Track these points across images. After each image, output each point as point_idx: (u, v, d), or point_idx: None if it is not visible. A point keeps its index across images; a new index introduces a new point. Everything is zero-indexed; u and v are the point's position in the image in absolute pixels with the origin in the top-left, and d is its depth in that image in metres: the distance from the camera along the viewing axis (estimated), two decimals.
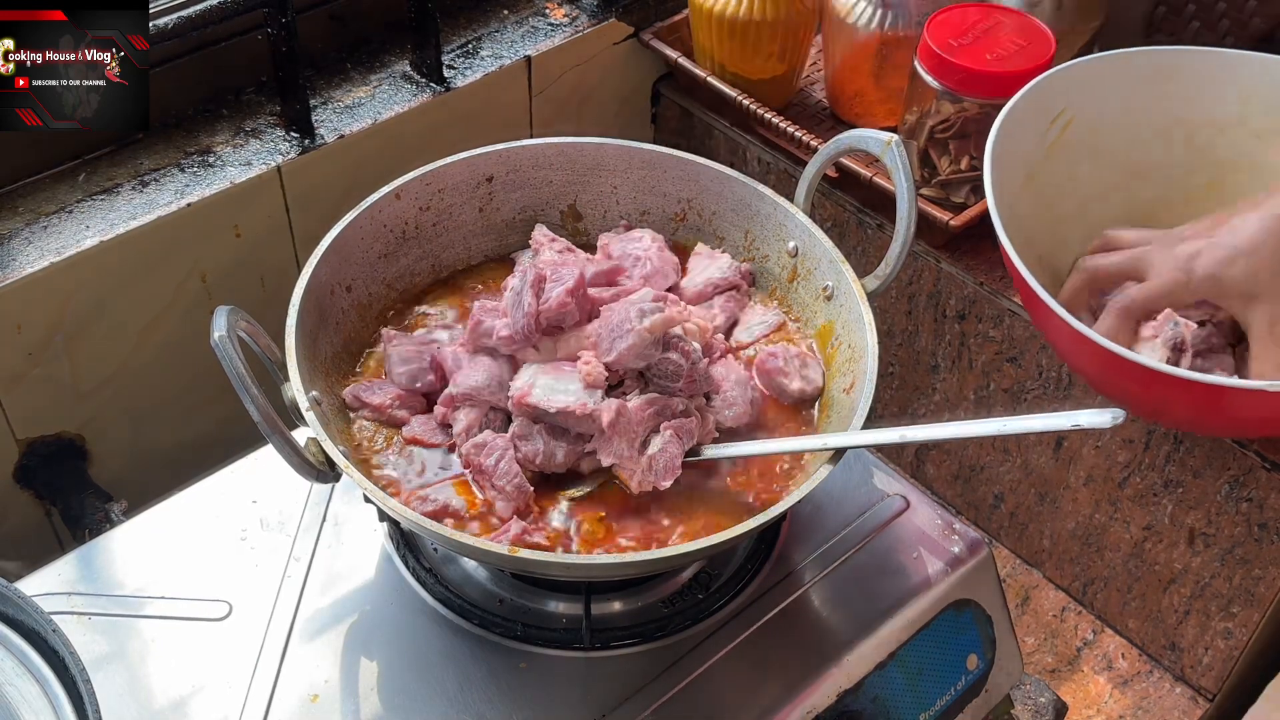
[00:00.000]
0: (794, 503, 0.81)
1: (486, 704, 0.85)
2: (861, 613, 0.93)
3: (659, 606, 0.92)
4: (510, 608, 0.91)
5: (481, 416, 0.89)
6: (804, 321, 1.00)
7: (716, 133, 1.45)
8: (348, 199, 0.98)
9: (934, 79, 1.20)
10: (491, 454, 0.86)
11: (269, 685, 0.85)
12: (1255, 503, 1.13)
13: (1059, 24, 1.27)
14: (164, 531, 0.95)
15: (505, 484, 0.85)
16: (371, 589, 0.92)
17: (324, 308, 0.93)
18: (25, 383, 1.10)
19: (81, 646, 0.77)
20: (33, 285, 1.06)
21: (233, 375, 0.76)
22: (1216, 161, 1.20)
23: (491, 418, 0.90)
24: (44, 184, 1.15)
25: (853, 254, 1.34)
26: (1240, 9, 1.39)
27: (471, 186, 1.02)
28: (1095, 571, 1.31)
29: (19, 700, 0.70)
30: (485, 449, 0.86)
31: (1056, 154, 1.18)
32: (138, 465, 1.21)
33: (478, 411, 0.89)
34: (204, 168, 1.17)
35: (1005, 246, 1.01)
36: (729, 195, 1.03)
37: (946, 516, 1.00)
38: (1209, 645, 1.23)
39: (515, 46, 1.35)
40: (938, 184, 1.26)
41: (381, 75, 1.30)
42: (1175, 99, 1.19)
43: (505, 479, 0.85)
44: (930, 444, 1.04)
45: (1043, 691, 1.10)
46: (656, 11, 1.45)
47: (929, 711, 0.95)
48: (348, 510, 0.97)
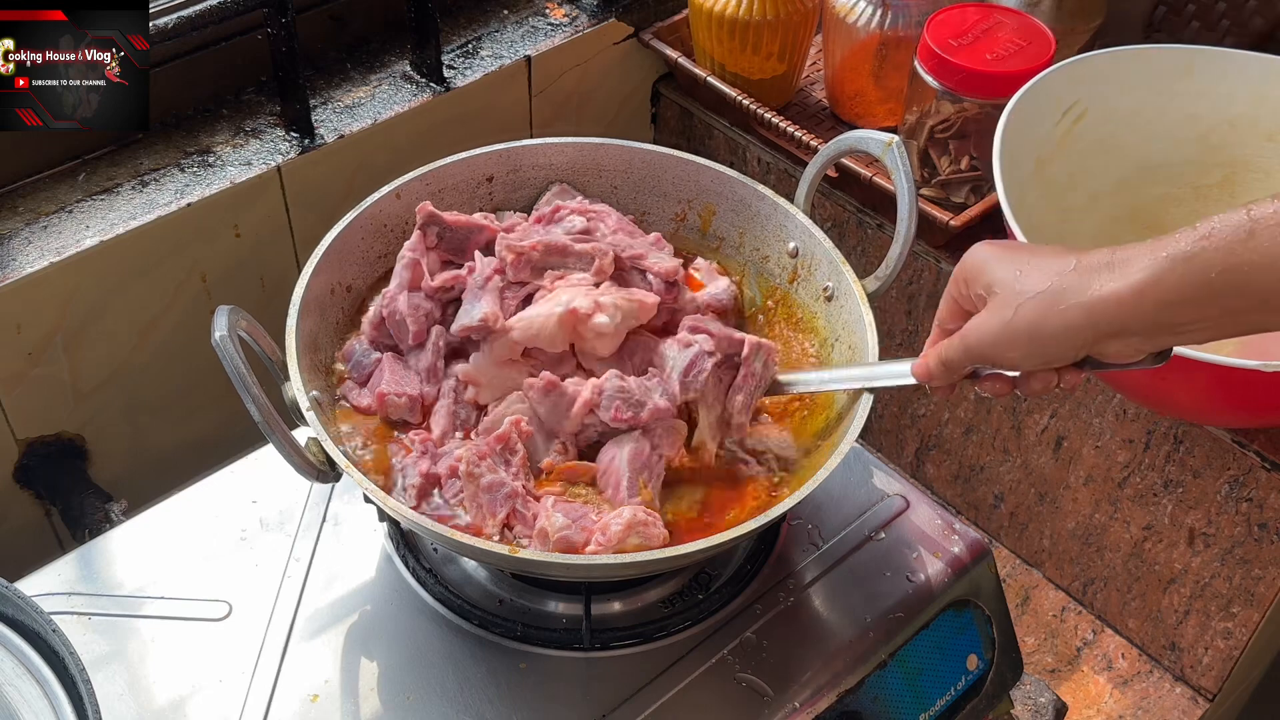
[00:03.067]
0: (794, 503, 0.81)
1: (486, 704, 0.85)
2: (861, 613, 0.93)
3: (659, 606, 0.92)
4: (510, 608, 0.91)
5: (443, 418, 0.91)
6: (803, 321, 1.00)
7: (716, 133, 1.45)
8: (348, 199, 0.98)
9: (934, 79, 1.20)
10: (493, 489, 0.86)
11: (269, 685, 0.85)
12: (1255, 503, 1.13)
13: (1059, 24, 1.27)
14: (164, 531, 0.95)
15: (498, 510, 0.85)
16: (371, 589, 0.92)
17: (324, 308, 0.93)
18: (25, 383, 1.10)
19: (81, 646, 0.77)
20: (33, 285, 1.06)
21: (233, 375, 0.76)
22: (1229, 160, 1.21)
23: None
24: (44, 184, 1.15)
25: (853, 254, 1.34)
26: (1240, 9, 1.39)
27: (471, 186, 1.02)
28: (1095, 571, 1.31)
29: (19, 700, 0.70)
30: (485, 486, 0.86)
31: (1067, 145, 1.18)
32: (138, 465, 1.21)
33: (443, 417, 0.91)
34: (204, 168, 1.17)
35: (1012, 227, 1.01)
36: (729, 195, 1.03)
37: (946, 516, 1.00)
38: (1209, 645, 1.23)
39: (515, 46, 1.35)
40: (938, 184, 1.26)
41: (381, 75, 1.30)
42: (1188, 96, 1.19)
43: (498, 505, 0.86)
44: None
45: (1043, 691, 1.10)
46: (656, 11, 1.45)
47: (929, 711, 0.95)
48: (348, 510, 0.97)
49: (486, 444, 0.86)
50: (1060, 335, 0.72)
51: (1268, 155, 1.20)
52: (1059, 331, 0.72)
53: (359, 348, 0.93)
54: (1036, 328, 0.72)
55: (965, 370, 0.80)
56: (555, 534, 0.82)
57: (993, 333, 0.75)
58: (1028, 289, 0.73)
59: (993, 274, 0.75)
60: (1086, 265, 0.71)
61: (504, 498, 0.84)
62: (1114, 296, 0.69)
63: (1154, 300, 0.69)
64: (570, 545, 0.81)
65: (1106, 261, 0.71)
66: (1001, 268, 0.75)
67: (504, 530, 0.84)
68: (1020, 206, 1.05)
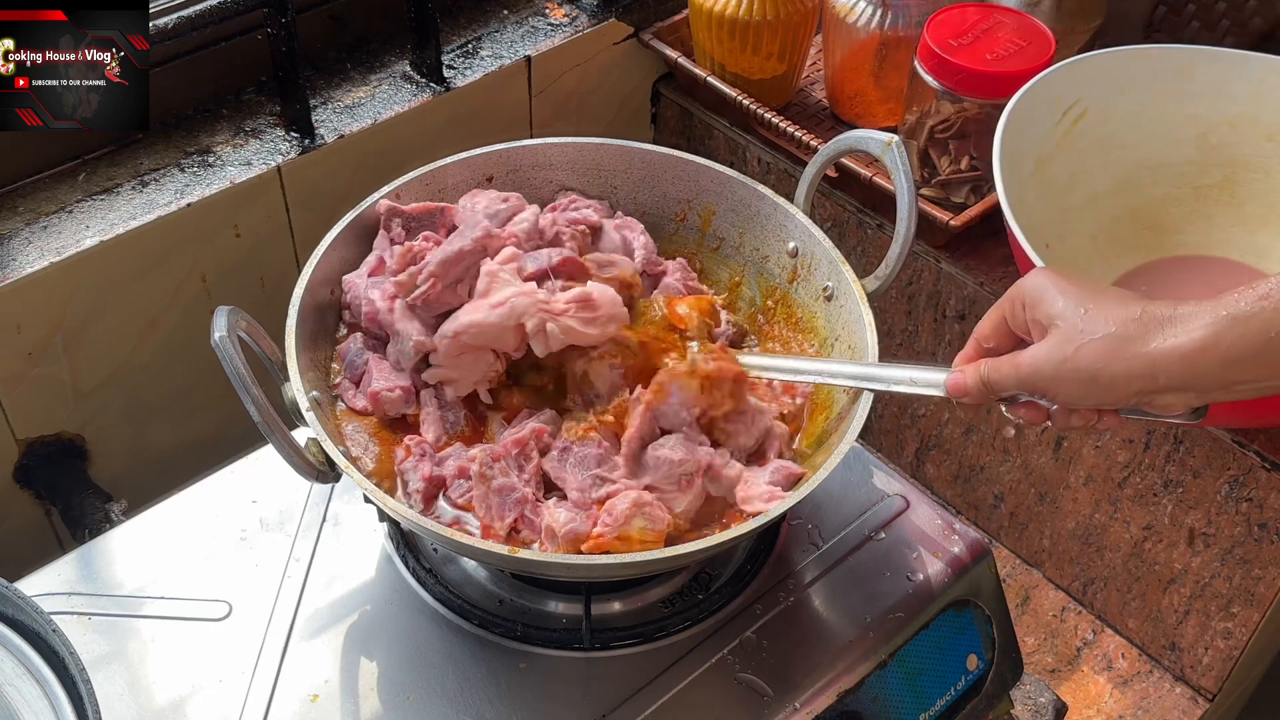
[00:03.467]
0: (794, 503, 0.81)
1: (486, 704, 0.85)
2: (861, 613, 0.93)
3: (659, 606, 0.92)
4: (510, 608, 0.91)
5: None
6: (802, 321, 1.00)
7: (716, 133, 1.45)
8: (348, 199, 0.98)
9: (934, 79, 1.20)
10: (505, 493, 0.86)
11: (269, 685, 0.85)
12: (1255, 503, 1.13)
13: (1059, 24, 1.27)
14: (164, 531, 0.95)
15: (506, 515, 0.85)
16: (371, 589, 0.92)
17: (324, 308, 0.93)
18: (25, 383, 1.10)
19: (81, 646, 0.77)
20: (33, 285, 1.06)
21: (233, 375, 0.76)
22: (1229, 160, 1.21)
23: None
24: (44, 184, 1.15)
25: (853, 254, 1.34)
26: (1240, 9, 1.39)
27: (471, 187, 1.02)
28: (1095, 571, 1.31)
29: (19, 700, 0.70)
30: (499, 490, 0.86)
31: (1067, 145, 1.18)
32: (138, 465, 1.21)
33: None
34: (204, 168, 1.17)
35: (1011, 226, 1.01)
36: (729, 195, 1.03)
37: (946, 516, 1.00)
38: (1209, 645, 1.23)
39: (515, 46, 1.35)
40: (938, 184, 1.26)
41: (381, 75, 1.30)
42: (1189, 96, 1.19)
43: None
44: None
45: (1043, 691, 1.10)
46: (656, 11, 1.45)
47: (929, 711, 0.95)
48: (348, 510, 0.97)
49: (503, 446, 0.86)
50: (1120, 382, 0.73)
51: (1268, 155, 1.20)
52: (1120, 378, 0.73)
53: (352, 347, 0.93)
54: (1098, 370, 0.73)
55: (1007, 395, 0.80)
56: (561, 529, 0.82)
57: (1052, 366, 0.75)
58: (1093, 330, 0.74)
59: (1054, 306, 0.76)
60: (1151, 316, 0.72)
61: (513, 502, 0.84)
62: (1177, 351, 0.71)
63: (1215, 358, 0.70)
64: (578, 537, 0.82)
65: (1170, 315, 0.72)
66: (1065, 302, 0.75)
67: (511, 534, 0.84)
68: (1020, 206, 1.05)
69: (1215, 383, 0.72)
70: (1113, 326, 0.73)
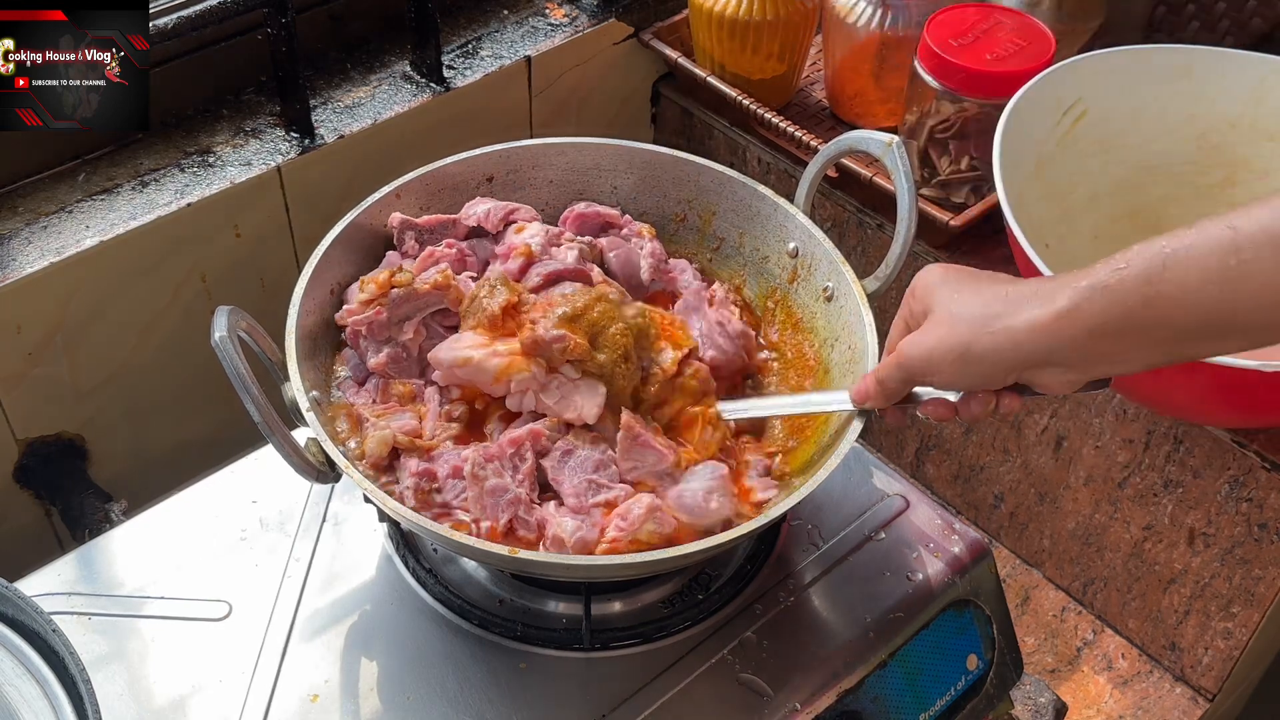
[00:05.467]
0: (794, 503, 0.81)
1: (486, 704, 0.85)
2: (861, 613, 0.93)
3: (659, 606, 0.92)
4: (510, 608, 0.91)
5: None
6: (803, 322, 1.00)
7: (716, 133, 1.45)
8: (348, 199, 0.98)
9: (934, 79, 1.20)
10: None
11: (269, 685, 0.85)
12: (1255, 503, 1.13)
13: (1059, 24, 1.27)
14: (164, 531, 0.95)
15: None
16: (371, 589, 0.92)
17: (324, 308, 0.93)
18: (25, 383, 1.10)
19: (81, 646, 0.77)
20: (33, 285, 1.06)
21: (233, 375, 0.76)
22: (1229, 160, 1.21)
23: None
24: (44, 184, 1.15)
25: (853, 254, 1.34)
26: (1240, 9, 1.39)
27: (471, 186, 1.02)
28: (1095, 571, 1.31)
29: (19, 700, 0.70)
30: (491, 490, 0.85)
31: (1068, 145, 1.18)
32: (138, 465, 1.21)
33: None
34: (204, 168, 1.17)
35: (1011, 226, 1.01)
36: (729, 196, 1.03)
37: (946, 516, 1.00)
38: (1209, 645, 1.23)
39: (515, 46, 1.35)
40: (938, 184, 1.26)
41: (381, 75, 1.30)
42: (1189, 96, 1.20)
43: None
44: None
45: (1043, 691, 1.10)
46: (656, 11, 1.45)
47: (929, 711, 0.95)
48: (348, 510, 0.97)
49: (498, 446, 0.86)
50: (987, 357, 0.74)
51: (1268, 155, 1.20)
52: (986, 353, 0.73)
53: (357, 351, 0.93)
54: (966, 348, 0.74)
55: (903, 391, 0.81)
56: (570, 538, 0.81)
57: (925, 350, 0.77)
58: (961, 311, 0.75)
59: (935, 295, 0.77)
60: (1018, 292, 0.73)
61: (506, 503, 0.83)
62: (1037, 323, 0.71)
63: (1075, 329, 0.70)
64: (586, 545, 0.81)
65: (1035, 290, 0.72)
66: (943, 290, 0.77)
67: (506, 534, 0.84)
68: (1020, 206, 1.05)
69: (1086, 354, 0.71)
70: (981, 306, 0.74)
